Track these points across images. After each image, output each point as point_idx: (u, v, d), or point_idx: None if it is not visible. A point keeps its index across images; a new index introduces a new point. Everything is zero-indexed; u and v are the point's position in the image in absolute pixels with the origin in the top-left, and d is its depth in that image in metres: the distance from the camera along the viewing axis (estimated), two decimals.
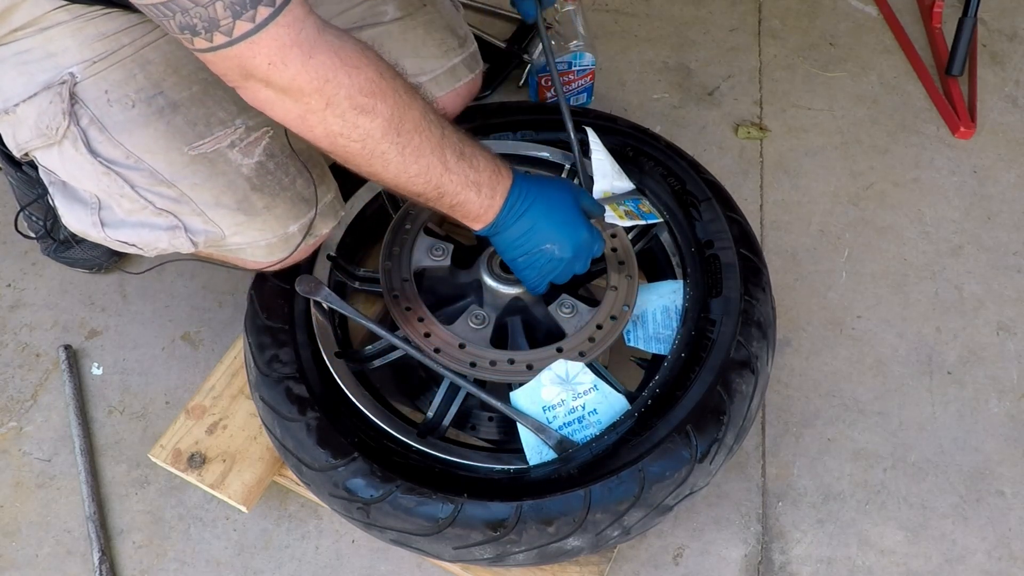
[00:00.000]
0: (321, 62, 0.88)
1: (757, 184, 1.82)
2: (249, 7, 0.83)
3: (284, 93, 0.90)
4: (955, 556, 1.35)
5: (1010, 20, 2.15)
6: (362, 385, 1.17)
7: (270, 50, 0.86)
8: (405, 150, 0.97)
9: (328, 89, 0.90)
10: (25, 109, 1.08)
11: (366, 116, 0.93)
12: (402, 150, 0.97)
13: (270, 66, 0.87)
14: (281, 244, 1.18)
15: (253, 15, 0.83)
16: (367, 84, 0.92)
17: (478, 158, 1.05)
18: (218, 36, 0.84)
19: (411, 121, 0.97)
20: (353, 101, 0.92)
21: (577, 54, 1.84)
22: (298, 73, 0.88)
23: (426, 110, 0.99)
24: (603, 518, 1.04)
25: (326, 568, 1.33)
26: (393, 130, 0.95)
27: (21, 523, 1.38)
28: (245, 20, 0.83)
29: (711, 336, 1.16)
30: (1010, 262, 1.70)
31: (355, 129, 0.94)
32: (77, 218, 1.14)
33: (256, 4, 0.83)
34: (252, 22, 0.84)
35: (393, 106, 0.94)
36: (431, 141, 0.99)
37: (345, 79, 0.90)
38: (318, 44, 0.88)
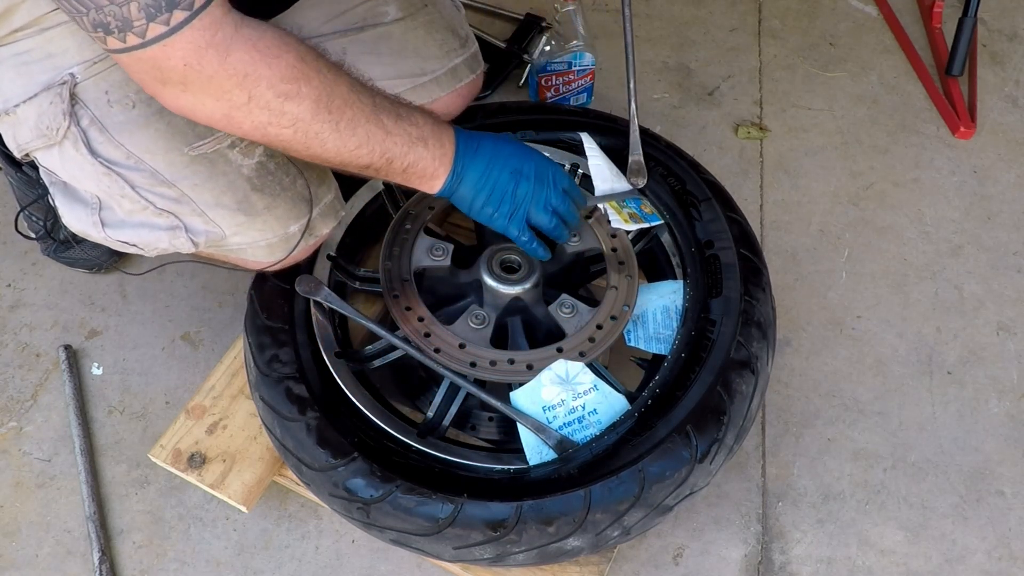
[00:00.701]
0: (239, 58, 0.88)
1: (757, 184, 1.82)
2: (164, 10, 0.82)
3: (204, 94, 0.90)
4: (955, 556, 1.35)
5: (1010, 20, 2.15)
6: (362, 385, 1.17)
7: (185, 52, 0.86)
8: (340, 125, 0.98)
9: (248, 83, 0.90)
10: (25, 110, 1.08)
11: (292, 101, 0.93)
12: (336, 126, 0.98)
13: (186, 67, 0.87)
14: (282, 244, 1.18)
15: (168, 18, 0.83)
16: (288, 70, 0.92)
17: (415, 115, 1.06)
18: (131, 37, 0.84)
19: (340, 96, 0.97)
20: (276, 90, 0.92)
21: (577, 54, 1.84)
22: (216, 72, 0.88)
23: (353, 83, 1.00)
24: (603, 518, 1.04)
25: (326, 568, 1.33)
26: (323, 109, 0.96)
27: (21, 523, 1.38)
28: (159, 23, 0.83)
29: (711, 336, 1.16)
30: (1010, 262, 1.70)
31: (283, 116, 0.94)
32: (78, 218, 1.14)
33: (172, 7, 0.83)
34: (166, 25, 0.83)
35: (318, 86, 0.94)
36: (364, 111, 1.00)
37: (265, 70, 0.90)
38: (235, 41, 0.88)
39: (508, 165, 1.13)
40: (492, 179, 1.13)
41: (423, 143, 1.06)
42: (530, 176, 1.14)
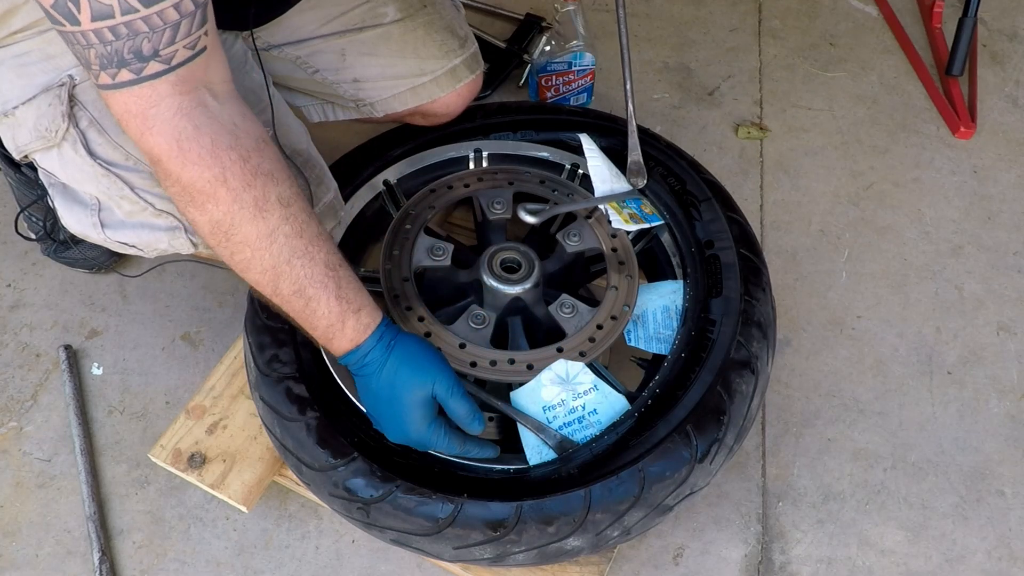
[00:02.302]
0: (156, 143, 0.89)
1: (757, 184, 1.82)
2: (114, 66, 0.85)
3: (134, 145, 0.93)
4: (955, 556, 1.35)
5: (1010, 20, 2.15)
6: None
7: (118, 109, 0.88)
8: (234, 257, 0.95)
9: (161, 167, 0.91)
10: (24, 111, 1.08)
11: (195, 208, 0.92)
12: (231, 255, 0.95)
13: (119, 119, 0.90)
14: None
15: (114, 74, 0.85)
16: (199, 182, 0.90)
17: (319, 303, 0.98)
18: (90, 75, 0.88)
19: (243, 235, 0.93)
20: (184, 189, 0.91)
21: (577, 54, 1.84)
22: (137, 140, 0.90)
23: (274, 232, 0.93)
24: (603, 518, 1.04)
25: (326, 568, 1.33)
26: (220, 233, 0.93)
27: (21, 523, 1.38)
28: (107, 75, 0.86)
29: (711, 336, 1.16)
30: (1010, 262, 1.70)
31: (186, 212, 0.94)
32: (77, 219, 1.14)
33: (120, 66, 0.85)
34: (112, 79, 0.86)
35: (224, 213, 0.91)
36: (263, 263, 0.94)
37: (176, 168, 0.89)
38: (162, 125, 0.88)
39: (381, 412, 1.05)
40: (368, 403, 1.07)
41: (309, 326, 1.00)
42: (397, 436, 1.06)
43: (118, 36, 0.83)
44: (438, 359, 1.05)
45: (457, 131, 1.43)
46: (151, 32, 0.83)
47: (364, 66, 1.34)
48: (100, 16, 0.81)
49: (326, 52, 1.32)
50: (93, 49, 0.84)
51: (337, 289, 0.98)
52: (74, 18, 0.82)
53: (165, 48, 0.85)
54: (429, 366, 1.03)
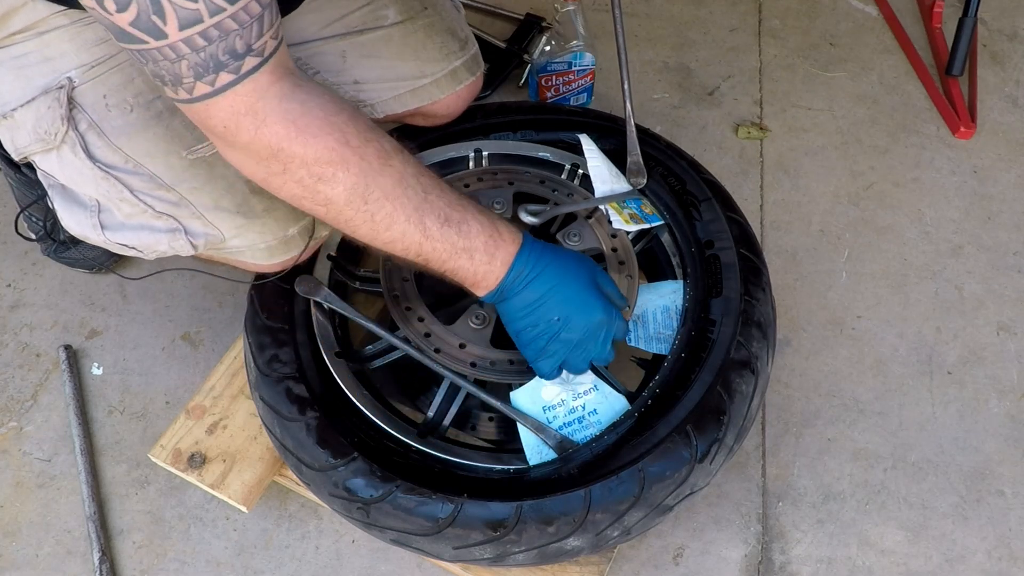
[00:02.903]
0: (273, 131, 0.87)
1: (757, 184, 1.82)
2: (212, 71, 0.83)
3: (244, 155, 0.91)
4: (955, 556, 1.35)
5: (1010, 20, 2.15)
6: (362, 385, 1.17)
7: (225, 115, 0.86)
8: (375, 217, 0.94)
9: (282, 157, 0.89)
10: (23, 114, 1.07)
11: (325, 184, 0.91)
12: (371, 217, 0.94)
13: (225, 129, 0.88)
14: (281, 247, 1.18)
15: (214, 80, 0.83)
16: (326, 153, 0.89)
17: (469, 223, 0.99)
18: (181, 91, 0.85)
19: (380, 189, 0.93)
20: (310, 170, 0.90)
21: (577, 54, 1.84)
22: (251, 141, 0.88)
23: (403, 177, 0.95)
24: (603, 518, 1.04)
25: (326, 568, 1.33)
26: (358, 198, 0.93)
27: (21, 523, 1.38)
28: (205, 83, 0.83)
29: (711, 336, 1.16)
30: (1010, 262, 1.70)
31: (316, 195, 0.92)
32: (76, 221, 1.14)
33: (219, 69, 0.83)
34: (211, 86, 0.84)
35: (357, 174, 0.91)
36: (405, 209, 0.95)
37: (299, 149, 0.88)
38: (274, 113, 0.87)
39: (556, 312, 1.04)
40: (532, 317, 1.05)
41: (467, 255, 0.99)
42: (573, 337, 1.05)
43: (210, 40, 0.81)
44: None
45: (457, 131, 1.43)
46: (241, 29, 0.81)
47: (365, 68, 1.34)
48: (189, 23, 0.79)
49: (327, 54, 1.32)
50: (185, 60, 0.81)
51: (474, 206, 1.01)
52: (160, 32, 0.79)
53: (256, 41, 0.83)
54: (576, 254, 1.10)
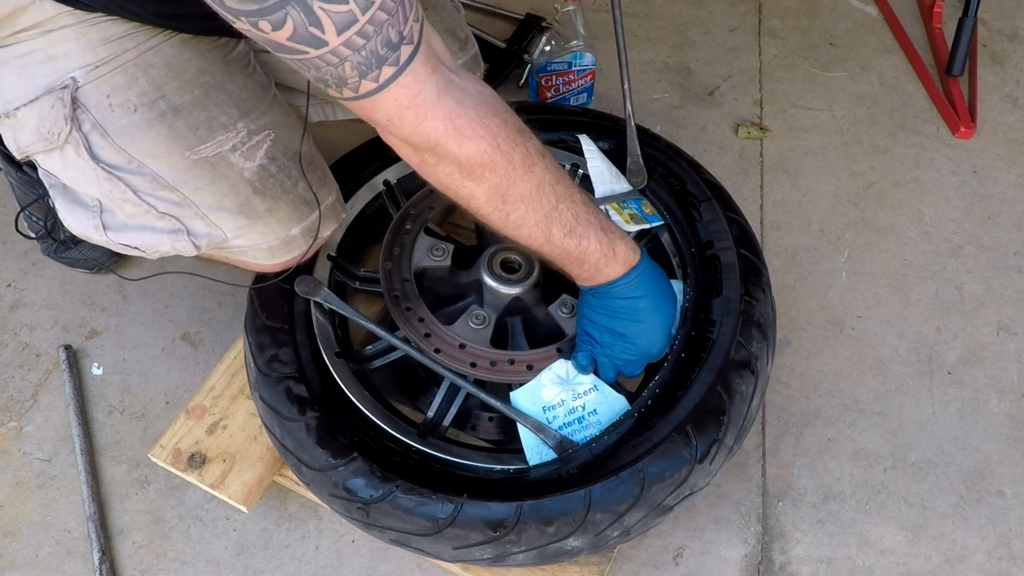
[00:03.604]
0: (433, 127, 0.90)
1: (757, 184, 1.82)
2: (374, 67, 0.84)
3: (405, 143, 0.94)
4: (955, 556, 1.35)
5: (1010, 20, 2.15)
6: (362, 385, 1.17)
7: (389, 109, 0.88)
8: (508, 216, 1.00)
9: (439, 150, 0.92)
10: (26, 113, 1.07)
11: (472, 181, 0.96)
12: (505, 216, 1.00)
13: (388, 122, 0.90)
14: (283, 247, 1.18)
15: (377, 75, 0.85)
16: (477, 155, 0.93)
17: (589, 239, 1.05)
18: (346, 91, 0.87)
19: (519, 193, 0.98)
20: (461, 167, 0.94)
21: (577, 54, 1.84)
22: (411, 134, 0.91)
23: (541, 182, 0.99)
24: (603, 518, 1.04)
25: (326, 568, 1.33)
26: (498, 198, 0.98)
27: (21, 523, 1.38)
28: (369, 80, 0.85)
29: (711, 336, 1.16)
30: (1010, 262, 1.70)
31: (461, 188, 0.97)
32: (79, 221, 1.14)
33: (380, 64, 0.84)
34: (376, 82, 0.85)
35: (502, 176, 0.96)
36: (536, 215, 1.01)
37: (454, 147, 0.92)
38: (434, 108, 0.89)
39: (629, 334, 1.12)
40: (607, 326, 1.13)
41: (578, 263, 1.07)
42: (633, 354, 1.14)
43: (367, 37, 0.81)
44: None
45: None
46: (391, 17, 0.82)
47: None
48: (346, 26, 0.80)
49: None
50: (348, 63, 0.82)
51: (599, 222, 1.06)
52: (319, 40, 0.80)
53: (406, 27, 0.84)
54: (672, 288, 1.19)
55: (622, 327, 1.12)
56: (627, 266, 1.09)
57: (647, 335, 1.14)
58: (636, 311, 1.12)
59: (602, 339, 1.14)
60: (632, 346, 1.13)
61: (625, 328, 1.12)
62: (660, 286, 1.14)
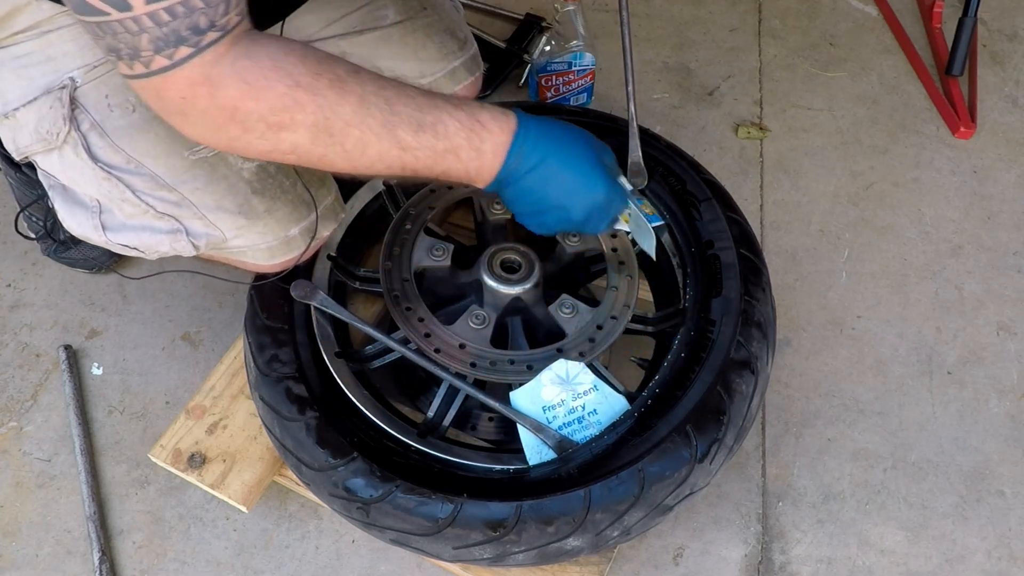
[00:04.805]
0: (227, 94, 0.86)
1: (757, 184, 1.82)
2: (172, 45, 0.82)
3: (202, 126, 0.89)
4: (955, 556, 1.35)
5: (1010, 20, 2.15)
6: (362, 385, 1.17)
7: (182, 87, 0.85)
8: (345, 147, 0.92)
9: (239, 117, 0.88)
10: (25, 113, 1.07)
11: (286, 131, 0.89)
12: (342, 149, 0.92)
13: (182, 100, 0.86)
14: (282, 247, 1.18)
15: (172, 53, 0.82)
16: (277, 100, 0.87)
17: (447, 122, 0.95)
18: (138, 66, 0.84)
19: (343, 118, 0.90)
20: (267, 122, 0.88)
21: (577, 54, 1.84)
22: (207, 107, 0.87)
23: (364, 98, 0.91)
24: (603, 518, 1.04)
25: (326, 568, 1.33)
26: (323, 134, 0.91)
27: (21, 523, 1.38)
28: (163, 56, 0.82)
29: (711, 336, 1.16)
30: (1010, 262, 1.70)
31: (281, 143, 0.91)
32: (78, 222, 1.14)
33: (179, 44, 0.82)
34: (170, 59, 0.83)
35: (315, 111, 0.89)
36: (373, 129, 0.92)
37: (252, 105, 0.87)
38: (227, 76, 0.85)
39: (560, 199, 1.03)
40: (541, 203, 1.04)
41: (453, 155, 0.97)
42: (576, 218, 1.06)
43: (175, 16, 0.80)
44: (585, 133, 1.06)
45: None
46: (207, 8, 0.81)
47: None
48: None
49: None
50: (147, 34, 0.80)
51: (447, 102, 0.96)
52: (125, 4, 0.79)
53: (221, 19, 0.82)
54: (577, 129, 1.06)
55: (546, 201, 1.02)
56: (509, 133, 0.98)
57: (579, 194, 1.03)
58: (549, 178, 1.01)
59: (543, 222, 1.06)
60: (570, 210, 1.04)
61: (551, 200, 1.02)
62: (560, 134, 1.03)
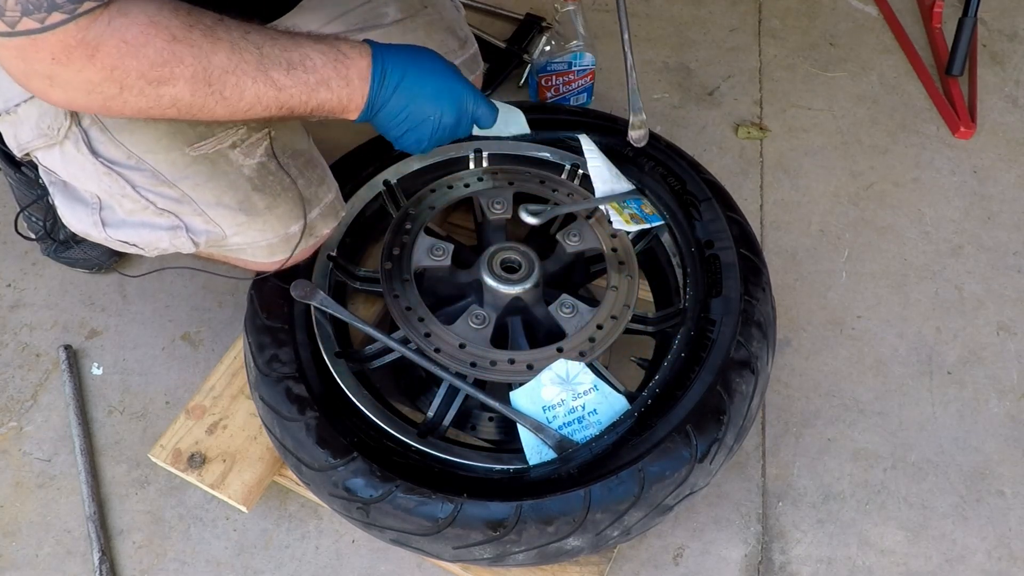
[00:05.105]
0: (106, 53, 0.85)
1: (757, 184, 1.82)
2: (44, 10, 0.80)
3: (73, 89, 0.88)
4: (955, 556, 1.35)
5: (1010, 20, 2.15)
6: (362, 385, 1.17)
7: (54, 49, 0.83)
8: (224, 93, 0.93)
9: (117, 75, 0.87)
10: (26, 109, 1.08)
11: (166, 85, 0.90)
12: (221, 96, 0.93)
13: (53, 62, 0.85)
14: (282, 244, 1.18)
15: (44, 18, 0.81)
16: (157, 55, 0.87)
17: (312, 58, 0.99)
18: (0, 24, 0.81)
19: (218, 66, 0.92)
20: (147, 77, 0.88)
21: (577, 54, 1.84)
22: (83, 68, 0.86)
23: (234, 45, 0.93)
24: (603, 518, 1.04)
25: (326, 568, 1.33)
26: (202, 84, 0.91)
27: (21, 523, 1.38)
28: (33, 20, 0.81)
29: (711, 336, 1.16)
30: (1010, 262, 1.70)
31: (161, 99, 0.91)
32: (78, 218, 1.14)
33: (52, 9, 0.80)
34: (40, 23, 0.81)
35: (192, 63, 0.90)
36: (248, 72, 0.94)
37: (132, 61, 0.86)
38: (104, 36, 0.85)
39: (429, 107, 1.07)
40: (409, 120, 1.07)
41: (325, 86, 1.00)
42: (449, 122, 1.09)
43: None
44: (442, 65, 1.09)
45: None
46: None
47: None
48: None
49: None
50: None
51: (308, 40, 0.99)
52: None
53: None
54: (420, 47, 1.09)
55: (418, 113, 1.06)
56: (368, 57, 1.02)
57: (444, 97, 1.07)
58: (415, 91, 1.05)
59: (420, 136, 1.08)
60: (442, 115, 1.08)
61: (422, 111, 1.06)
62: (410, 50, 1.07)
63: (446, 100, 1.08)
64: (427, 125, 1.08)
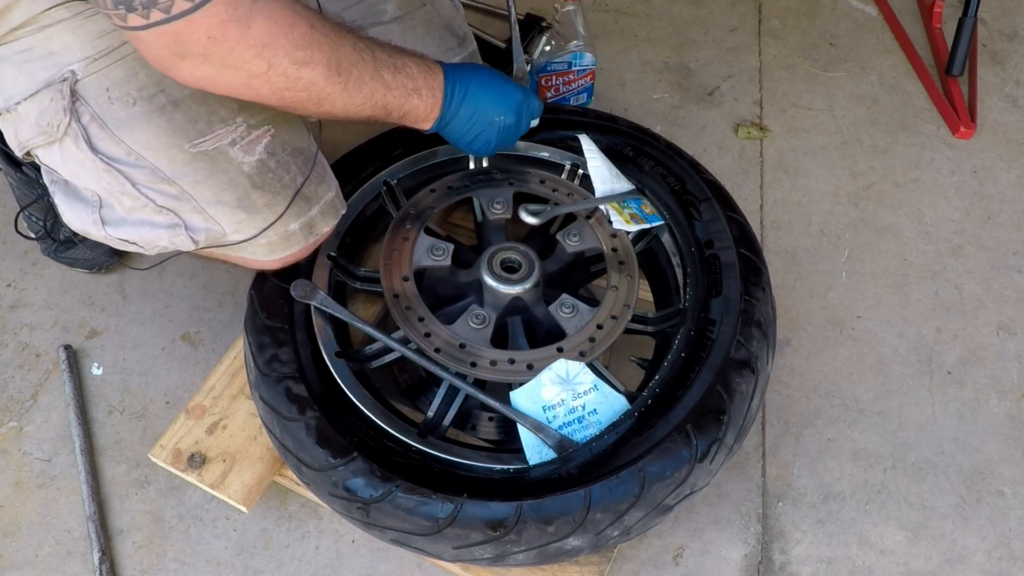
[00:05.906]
0: (259, 29, 0.92)
1: (757, 184, 1.82)
2: None
3: (224, 65, 0.94)
4: (955, 556, 1.35)
5: (1010, 20, 2.15)
6: (362, 385, 1.17)
7: (210, 26, 0.89)
8: (348, 85, 1.03)
9: (267, 53, 0.94)
10: (26, 107, 1.08)
11: (307, 67, 0.98)
12: (345, 86, 1.03)
13: (209, 40, 0.90)
14: (282, 242, 1.18)
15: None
16: (302, 38, 0.96)
17: (410, 66, 1.11)
18: (155, 13, 0.86)
19: (347, 58, 1.02)
20: (292, 57, 0.96)
21: (577, 54, 1.84)
22: (237, 43, 0.91)
23: (356, 43, 1.04)
24: (603, 518, 1.04)
25: (326, 568, 1.33)
26: (334, 71, 1.01)
27: (21, 523, 1.38)
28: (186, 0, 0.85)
29: (711, 336, 1.16)
30: (1010, 262, 1.70)
31: (299, 81, 0.98)
32: (78, 216, 1.14)
33: None
34: (191, 1, 0.86)
35: (328, 50, 0.99)
36: (368, 69, 1.05)
37: (282, 40, 0.94)
38: (254, 13, 0.91)
39: (492, 112, 1.19)
40: (477, 126, 1.19)
41: (417, 94, 1.12)
42: (510, 122, 1.21)
43: None
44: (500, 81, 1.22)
45: None
46: None
47: None
48: None
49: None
50: None
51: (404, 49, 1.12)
52: None
53: None
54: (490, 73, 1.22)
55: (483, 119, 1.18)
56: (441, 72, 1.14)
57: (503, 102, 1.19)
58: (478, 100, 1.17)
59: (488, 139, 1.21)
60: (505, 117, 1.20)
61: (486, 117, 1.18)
62: (467, 66, 1.19)
63: (505, 104, 1.20)
64: (492, 128, 1.20)
